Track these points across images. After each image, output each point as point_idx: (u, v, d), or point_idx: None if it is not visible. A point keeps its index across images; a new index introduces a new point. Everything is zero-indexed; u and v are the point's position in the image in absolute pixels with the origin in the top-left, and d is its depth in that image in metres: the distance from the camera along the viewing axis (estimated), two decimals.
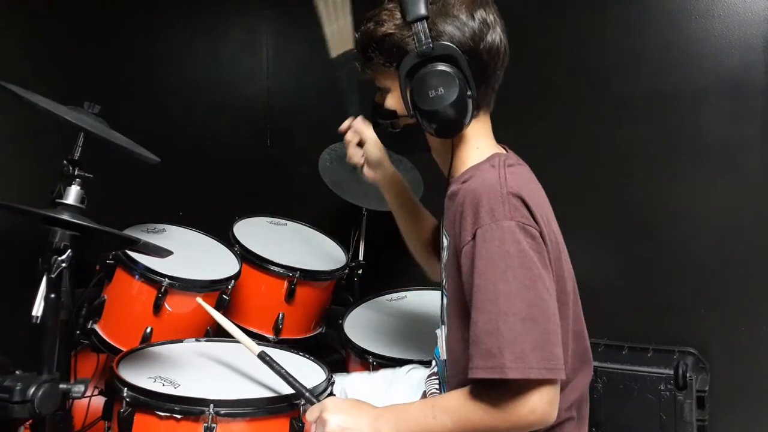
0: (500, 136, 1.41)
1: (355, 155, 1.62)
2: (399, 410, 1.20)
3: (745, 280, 2.17)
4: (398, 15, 1.24)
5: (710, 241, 2.21)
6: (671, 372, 2.01)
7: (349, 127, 1.62)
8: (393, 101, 1.31)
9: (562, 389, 1.14)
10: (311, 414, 1.22)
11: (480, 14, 1.23)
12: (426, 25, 1.20)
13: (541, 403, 1.07)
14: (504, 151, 1.35)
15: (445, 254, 1.31)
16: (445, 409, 1.14)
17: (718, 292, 2.20)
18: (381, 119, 1.34)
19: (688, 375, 2.00)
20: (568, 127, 2.43)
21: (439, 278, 1.71)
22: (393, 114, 1.31)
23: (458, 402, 1.13)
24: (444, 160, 1.36)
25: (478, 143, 1.31)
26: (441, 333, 1.36)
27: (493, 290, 1.09)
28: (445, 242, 1.30)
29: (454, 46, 1.20)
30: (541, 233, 1.15)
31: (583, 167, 2.41)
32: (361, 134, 1.61)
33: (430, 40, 1.19)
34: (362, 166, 1.63)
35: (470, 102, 1.22)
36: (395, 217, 1.70)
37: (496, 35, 1.25)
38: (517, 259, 1.10)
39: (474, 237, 1.14)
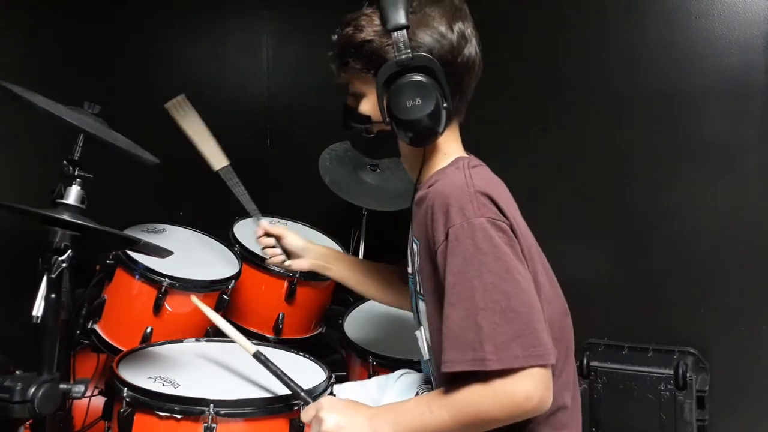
0: (500, 137, 1.41)
1: (275, 253, 1.69)
2: (395, 408, 1.20)
3: (745, 280, 2.17)
4: (377, 21, 1.25)
5: (710, 241, 2.22)
6: (671, 372, 2.02)
7: (264, 233, 1.70)
8: (368, 107, 1.33)
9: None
10: (307, 414, 1.22)
11: (458, 27, 1.25)
12: (406, 35, 1.21)
13: (537, 390, 1.07)
14: (467, 155, 1.37)
15: (416, 259, 1.32)
16: (440, 403, 1.14)
17: (718, 292, 2.20)
18: (354, 123, 1.36)
19: (688, 375, 2.00)
20: (568, 127, 2.43)
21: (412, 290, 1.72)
22: (367, 119, 1.33)
23: (454, 395, 1.13)
24: (413, 166, 1.38)
25: (447, 150, 1.33)
26: (421, 335, 1.38)
27: (469, 287, 1.10)
28: (415, 248, 1.31)
29: (433, 58, 1.22)
30: (511, 227, 1.17)
31: (583, 167, 2.41)
32: (274, 233, 1.69)
33: (409, 50, 1.21)
34: (285, 261, 1.69)
35: (445, 113, 1.24)
36: (352, 288, 1.74)
37: (472, 48, 1.27)
38: (490, 255, 1.11)
39: (447, 237, 1.15)
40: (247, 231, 2.26)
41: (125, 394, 1.36)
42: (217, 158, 1.78)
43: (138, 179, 2.22)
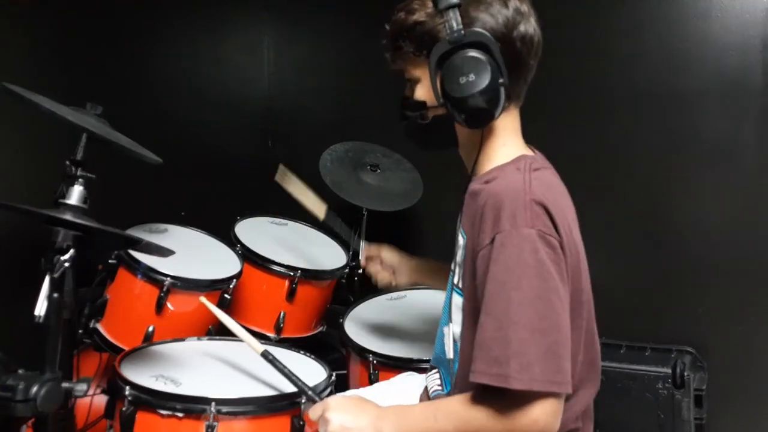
0: None
1: (383, 275, 1.71)
2: (401, 411, 1.20)
3: (742, 279, 2.18)
4: (429, 4, 1.21)
5: (708, 241, 2.23)
6: (669, 371, 2.02)
7: (366, 259, 1.73)
8: (423, 91, 1.28)
9: (568, 400, 1.13)
10: (314, 412, 1.22)
11: (514, 3, 1.20)
12: (458, 13, 1.17)
13: (543, 415, 1.05)
14: (531, 153, 1.32)
15: (459, 252, 1.28)
16: (447, 412, 1.13)
17: (716, 291, 2.21)
18: (409, 112, 1.30)
19: (685, 374, 2.01)
20: (568, 128, 2.43)
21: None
22: (422, 105, 1.27)
23: (461, 407, 1.13)
24: (470, 154, 1.31)
25: (506, 139, 1.28)
26: (449, 331, 1.32)
27: (505, 298, 1.08)
28: (461, 240, 1.27)
29: (487, 33, 1.17)
30: (561, 243, 1.12)
31: (583, 167, 2.41)
32: (376, 255, 1.71)
33: (461, 27, 1.16)
34: (392, 282, 1.72)
35: (502, 90, 1.18)
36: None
37: (530, 26, 1.22)
38: (533, 269, 1.08)
39: (492, 241, 1.11)
40: (248, 231, 2.28)
41: (127, 393, 1.37)
42: (318, 208, 1.87)
43: (140, 179, 2.23)
